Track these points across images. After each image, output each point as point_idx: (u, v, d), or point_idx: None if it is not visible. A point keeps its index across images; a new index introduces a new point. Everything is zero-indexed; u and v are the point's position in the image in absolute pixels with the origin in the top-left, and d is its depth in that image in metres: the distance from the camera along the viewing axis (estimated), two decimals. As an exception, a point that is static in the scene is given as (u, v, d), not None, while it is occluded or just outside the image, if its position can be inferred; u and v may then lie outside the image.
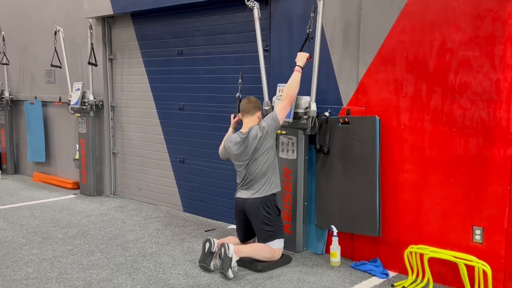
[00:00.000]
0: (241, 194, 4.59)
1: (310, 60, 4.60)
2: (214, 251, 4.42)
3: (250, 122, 4.59)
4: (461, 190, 4.02)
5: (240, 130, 4.61)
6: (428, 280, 4.10)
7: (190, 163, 6.44)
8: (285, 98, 4.48)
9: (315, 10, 4.58)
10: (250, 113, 4.58)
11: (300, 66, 4.53)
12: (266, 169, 4.49)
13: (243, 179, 4.58)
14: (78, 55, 7.68)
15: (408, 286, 4.09)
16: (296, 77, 4.50)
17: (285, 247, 4.65)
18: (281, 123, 4.51)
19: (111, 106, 7.41)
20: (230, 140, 4.64)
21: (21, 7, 8.83)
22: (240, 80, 5.05)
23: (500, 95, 3.79)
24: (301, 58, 4.57)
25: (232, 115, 4.93)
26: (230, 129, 4.88)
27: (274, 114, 4.48)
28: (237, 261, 4.30)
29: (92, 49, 7.08)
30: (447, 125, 4.06)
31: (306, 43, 4.65)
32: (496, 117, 3.82)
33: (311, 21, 4.59)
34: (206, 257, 4.41)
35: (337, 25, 4.73)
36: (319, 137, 4.74)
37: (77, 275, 4.36)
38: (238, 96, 5.00)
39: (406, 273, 4.27)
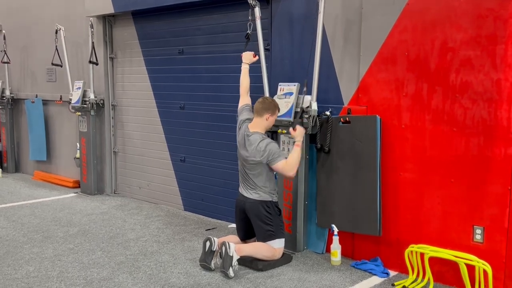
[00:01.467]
0: (242, 191, 4.59)
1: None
2: (214, 250, 4.42)
3: (258, 122, 4.56)
4: (462, 189, 4.02)
5: (249, 126, 4.60)
6: (429, 279, 4.10)
7: (191, 162, 6.44)
8: (289, 171, 4.41)
9: (316, 9, 4.58)
10: (259, 114, 4.56)
11: (299, 141, 4.50)
12: (259, 175, 4.49)
13: (243, 181, 4.59)
14: (79, 53, 7.68)
15: (409, 285, 4.09)
16: (296, 153, 4.45)
17: (285, 246, 4.65)
18: (275, 171, 4.50)
19: (112, 105, 7.41)
20: (246, 128, 4.58)
21: (22, 5, 8.83)
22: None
23: (501, 95, 3.79)
24: (300, 133, 4.50)
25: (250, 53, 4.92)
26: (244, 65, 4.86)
27: (280, 161, 4.39)
28: (238, 260, 4.30)
29: (93, 47, 7.08)
30: (448, 124, 4.06)
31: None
32: (497, 116, 3.81)
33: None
34: (207, 256, 4.41)
35: (338, 24, 4.73)
36: (320, 136, 4.74)
37: (77, 273, 4.37)
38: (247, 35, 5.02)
39: (407, 273, 4.27)
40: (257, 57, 4.95)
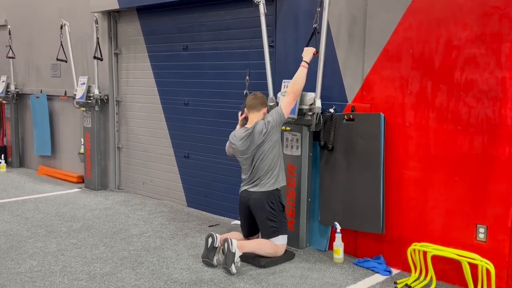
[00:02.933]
0: (247, 187, 4.59)
1: (316, 55, 4.59)
2: (217, 246, 4.42)
3: (255, 117, 4.59)
4: (466, 188, 4.01)
5: (245, 125, 4.61)
6: (431, 277, 4.10)
7: (195, 158, 6.44)
8: (290, 93, 4.48)
9: (321, 6, 4.57)
10: (256, 109, 4.58)
11: (307, 62, 4.52)
12: (272, 163, 4.49)
13: (249, 176, 4.57)
14: (84, 49, 7.69)
15: (411, 283, 4.09)
16: (301, 72, 4.50)
17: (288, 243, 4.65)
18: (286, 117, 4.50)
19: (116, 101, 7.42)
20: (234, 135, 4.64)
21: (27, 1, 8.85)
22: (247, 77, 5.05)
23: (506, 93, 3.77)
24: (308, 53, 4.56)
25: (240, 113, 4.92)
26: (238, 127, 4.88)
27: (279, 108, 4.48)
28: (240, 257, 4.31)
29: (98, 43, 7.09)
30: (452, 123, 4.04)
31: (312, 38, 4.63)
32: (502, 115, 3.80)
33: (317, 15, 4.57)
34: (209, 252, 4.42)
35: (343, 21, 4.71)
36: (323, 133, 4.74)
37: (81, 268, 4.38)
38: (246, 93, 5.00)
39: (409, 271, 4.27)
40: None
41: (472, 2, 3.89)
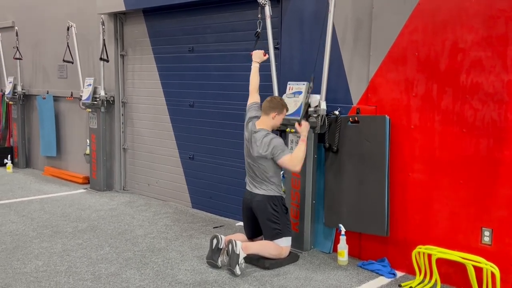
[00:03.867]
0: (249, 188, 4.60)
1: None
2: (221, 247, 4.43)
3: (264, 120, 4.58)
4: (471, 191, 4.00)
5: (256, 123, 4.61)
6: (436, 280, 4.09)
7: (200, 159, 6.46)
8: (296, 165, 4.40)
9: (327, 8, 4.57)
10: (265, 113, 4.58)
11: (306, 137, 4.50)
12: (271, 174, 4.49)
13: (252, 177, 4.59)
14: (90, 50, 7.73)
15: (416, 286, 4.08)
16: (302, 147, 4.45)
17: (292, 245, 4.65)
18: (280, 164, 4.46)
19: (122, 102, 7.45)
20: (253, 126, 4.60)
21: (34, 2, 8.91)
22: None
23: (511, 96, 3.76)
24: (306, 129, 4.52)
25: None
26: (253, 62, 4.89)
27: (286, 157, 4.39)
28: (245, 258, 4.31)
29: (104, 45, 7.12)
30: (457, 125, 4.03)
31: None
32: (508, 118, 3.79)
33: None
34: (214, 253, 4.43)
35: (348, 23, 4.72)
36: (328, 135, 4.74)
37: (86, 268, 4.40)
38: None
39: (414, 274, 4.26)
40: (267, 56, 4.95)
41: (479, 5, 3.88)
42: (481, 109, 3.91)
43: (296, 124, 4.60)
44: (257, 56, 4.90)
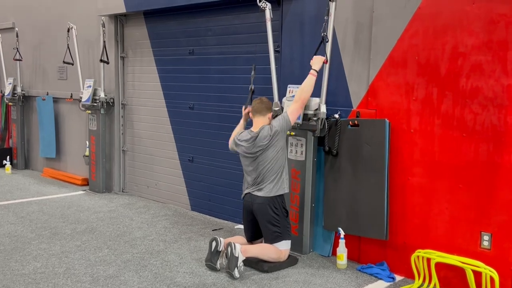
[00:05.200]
0: (250, 191, 4.59)
1: (326, 63, 4.60)
2: (220, 250, 4.42)
3: (260, 122, 4.59)
4: (470, 195, 3.99)
5: (251, 129, 4.61)
6: (435, 285, 4.08)
7: (199, 162, 6.45)
8: (298, 100, 4.49)
9: (327, 12, 4.57)
10: (261, 114, 4.59)
11: (316, 70, 4.52)
12: (277, 169, 4.49)
13: (253, 179, 4.57)
14: (90, 52, 7.73)
15: (415, 290, 4.08)
16: (310, 80, 4.50)
17: (291, 248, 4.64)
18: (292, 124, 4.51)
19: (121, 104, 7.45)
20: (240, 138, 4.63)
21: (35, 4, 8.91)
22: (252, 72, 5.05)
23: (511, 101, 3.76)
24: (317, 61, 4.54)
25: (244, 107, 4.93)
26: (241, 121, 4.90)
27: (285, 115, 4.48)
28: (243, 261, 4.30)
29: (104, 46, 7.13)
30: (457, 129, 4.04)
31: (321, 46, 4.62)
32: (507, 122, 3.79)
33: (325, 24, 4.58)
34: (213, 256, 4.42)
35: (349, 27, 4.72)
36: (328, 139, 4.74)
37: (84, 270, 4.39)
38: (251, 88, 5.02)
39: (413, 277, 4.25)
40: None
41: (479, 10, 3.89)
42: (481, 113, 3.91)
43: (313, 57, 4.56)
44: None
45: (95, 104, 7.32)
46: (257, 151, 4.50)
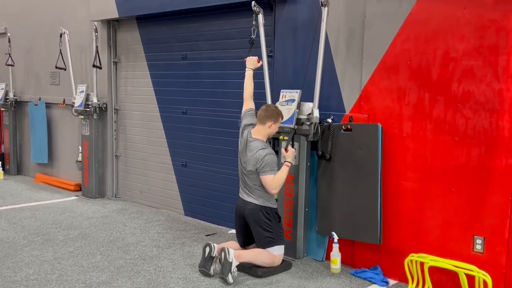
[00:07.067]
0: (242, 195, 4.60)
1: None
2: (214, 255, 4.41)
3: (260, 129, 4.57)
4: (463, 199, 4.01)
5: (252, 131, 4.61)
6: (428, 289, 4.09)
7: (192, 167, 6.44)
8: (274, 188, 4.40)
9: (320, 17, 4.59)
10: (261, 122, 4.57)
11: (289, 162, 4.50)
12: (259, 186, 4.49)
13: (243, 184, 4.59)
14: (83, 57, 7.71)
15: (408, 294, 4.08)
16: (285, 173, 4.46)
17: (285, 253, 4.64)
18: (261, 178, 4.44)
19: (114, 109, 7.43)
20: (250, 135, 4.59)
21: (27, 9, 8.88)
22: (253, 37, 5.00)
23: (503, 105, 3.80)
24: (290, 154, 4.54)
25: (245, 58, 4.94)
26: (246, 79, 4.84)
27: (268, 178, 4.38)
28: (237, 266, 4.30)
29: (97, 52, 7.11)
30: (449, 134, 4.06)
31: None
32: (499, 127, 3.82)
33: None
34: (206, 261, 4.41)
35: (341, 32, 4.74)
36: (321, 143, 4.75)
37: (77, 277, 4.37)
38: (251, 40, 4.98)
39: (406, 281, 4.26)
40: (261, 63, 4.96)
41: (470, 15, 3.92)
42: (472, 118, 3.94)
43: (283, 150, 4.61)
44: (251, 62, 4.89)
45: (87, 109, 7.30)
46: (245, 161, 4.52)
